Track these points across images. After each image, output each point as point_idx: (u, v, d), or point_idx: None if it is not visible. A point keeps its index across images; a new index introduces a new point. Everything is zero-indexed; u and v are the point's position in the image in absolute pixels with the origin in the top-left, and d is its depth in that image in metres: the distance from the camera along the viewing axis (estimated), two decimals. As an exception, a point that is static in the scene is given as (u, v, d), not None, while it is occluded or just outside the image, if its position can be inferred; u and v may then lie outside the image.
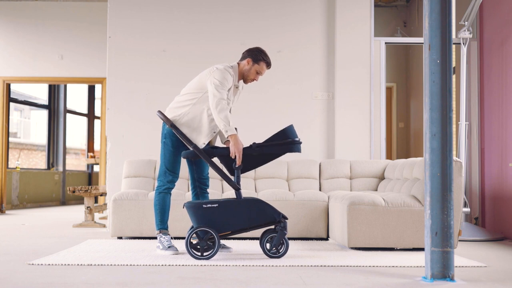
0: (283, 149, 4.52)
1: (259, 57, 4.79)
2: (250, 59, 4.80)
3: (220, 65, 4.75)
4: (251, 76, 4.83)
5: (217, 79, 4.61)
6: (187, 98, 4.79)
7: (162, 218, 4.83)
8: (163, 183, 4.83)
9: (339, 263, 4.20)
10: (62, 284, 3.37)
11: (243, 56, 4.87)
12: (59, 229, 7.00)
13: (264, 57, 4.80)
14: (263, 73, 4.85)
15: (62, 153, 13.95)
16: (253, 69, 4.80)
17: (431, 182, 3.53)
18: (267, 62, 4.82)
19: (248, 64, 4.80)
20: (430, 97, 3.54)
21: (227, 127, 4.51)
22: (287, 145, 4.51)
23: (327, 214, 5.93)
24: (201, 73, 4.81)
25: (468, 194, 7.00)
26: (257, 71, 4.81)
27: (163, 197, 4.83)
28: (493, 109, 6.75)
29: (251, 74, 4.82)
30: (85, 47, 9.91)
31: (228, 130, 4.51)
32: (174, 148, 4.80)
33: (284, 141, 4.49)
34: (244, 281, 3.50)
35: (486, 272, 3.96)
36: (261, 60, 4.80)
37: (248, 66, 4.81)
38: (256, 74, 4.83)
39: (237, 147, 4.50)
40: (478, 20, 7.10)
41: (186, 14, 7.22)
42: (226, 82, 4.64)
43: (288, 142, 4.50)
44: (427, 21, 3.57)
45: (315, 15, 7.23)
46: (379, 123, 7.11)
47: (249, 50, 4.85)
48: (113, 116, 7.07)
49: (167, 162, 4.81)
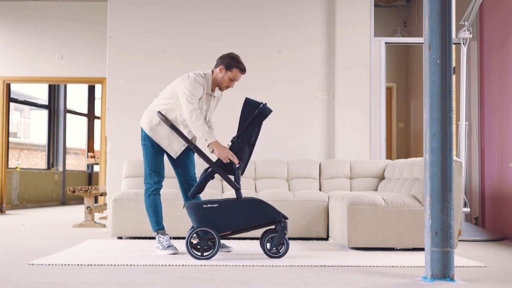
0: (259, 121, 4.54)
1: (231, 64, 4.75)
2: (222, 66, 4.76)
3: (192, 73, 4.72)
4: (225, 84, 4.79)
5: (187, 89, 4.61)
6: (163, 103, 4.81)
7: (157, 219, 4.85)
8: (150, 185, 4.85)
9: (339, 263, 4.20)
10: (62, 284, 3.37)
11: (216, 63, 4.83)
12: (59, 229, 7.00)
13: (237, 64, 4.75)
14: (238, 79, 4.81)
15: (62, 153, 13.95)
16: (226, 77, 4.76)
17: (431, 182, 3.53)
18: (240, 68, 4.76)
19: (221, 71, 4.77)
20: (430, 97, 3.54)
21: (206, 135, 4.53)
22: (259, 115, 4.52)
23: (327, 214, 5.93)
24: (175, 80, 4.82)
25: (468, 194, 7.00)
26: (230, 78, 4.77)
27: (154, 199, 4.86)
28: (493, 109, 6.75)
29: (225, 81, 4.78)
30: (85, 47, 9.91)
31: (208, 139, 4.53)
32: (154, 149, 4.83)
33: (253, 114, 4.51)
34: (244, 281, 3.50)
35: (486, 272, 3.96)
36: (234, 67, 4.75)
37: (221, 74, 4.77)
38: (230, 81, 4.79)
39: (222, 152, 4.52)
40: (478, 20, 7.10)
41: (186, 14, 7.22)
42: (196, 92, 4.62)
43: (257, 113, 4.51)
44: (427, 21, 3.57)
45: (315, 15, 7.22)
46: (379, 123, 7.11)
47: (221, 57, 4.80)
48: (113, 116, 7.07)
49: (150, 164, 4.83)
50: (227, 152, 4.52)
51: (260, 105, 4.55)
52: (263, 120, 4.58)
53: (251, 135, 4.58)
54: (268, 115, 4.58)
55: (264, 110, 4.55)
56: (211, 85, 4.80)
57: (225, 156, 4.51)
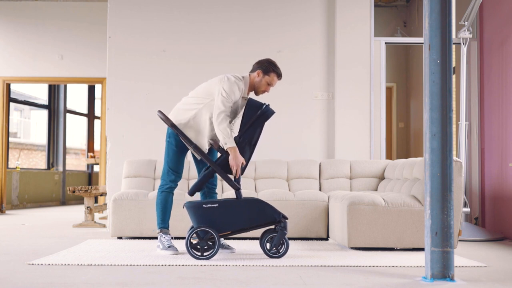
0: (261, 122, 4.58)
1: (269, 69, 4.80)
2: (260, 71, 4.81)
3: (232, 75, 4.74)
4: (262, 88, 4.84)
5: (225, 91, 4.64)
6: (194, 102, 4.81)
7: (164, 217, 4.84)
8: (166, 182, 4.84)
9: (339, 263, 4.20)
10: (62, 284, 3.37)
11: (253, 68, 4.88)
12: (59, 229, 7.00)
13: (274, 69, 4.81)
14: (274, 84, 4.86)
15: (62, 153, 13.95)
16: (263, 81, 4.81)
17: (431, 182, 3.53)
18: (277, 73, 4.82)
19: (258, 76, 4.81)
20: (430, 97, 3.54)
21: (226, 139, 4.56)
22: (262, 116, 4.56)
23: (327, 214, 5.93)
24: (212, 80, 4.83)
25: (468, 194, 7.00)
26: (268, 82, 4.82)
27: (165, 196, 4.85)
28: (493, 109, 6.75)
29: (262, 85, 4.83)
30: (85, 47, 9.91)
31: (228, 143, 4.56)
32: (178, 147, 4.81)
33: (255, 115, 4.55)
34: (244, 281, 3.50)
35: (486, 272, 3.96)
36: (271, 71, 4.80)
37: (258, 78, 4.82)
38: (267, 85, 4.84)
39: (236, 160, 4.55)
40: (478, 20, 7.10)
41: (186, 14, 7.22)
42: (233, 95, 4.66)
43: (259, 114, 4.55)
44: (427, 21, 3.57)
45: (315, 15, 7.23)
46: (379, 123, 7.11)
47: (259, 62, 4.86)
48: (113, 116, 7.07)
49: (170, 162, 4.83)
50: (240, 161, 4.56)
51: (263, 106, 4.57)
52: (265, 121, 4.60)
53: (252, 135, 4.60)
54: (270, 117, 4.60)
55: (267, 111, 4.58)
56: (248, 89, 4.85)
57: (237, 165, 4.54)
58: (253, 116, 4.55)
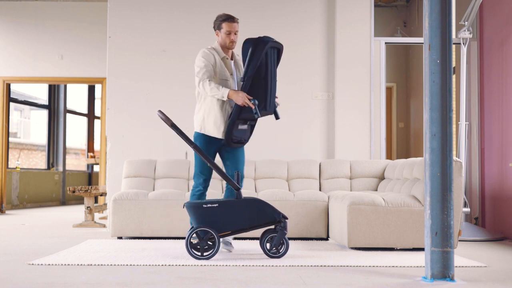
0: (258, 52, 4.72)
1: (217, 23, 4.99)
2: (216, 31, 5.02)
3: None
4: (227, 41, 4.97)
5: (196, 65, 4.87)
6: (197, 100, 4.97)
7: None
8: (197, 185, 4.97)
9: (339, 263, 4.20)
10: (62, 284, 3.37)
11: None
12: (59, 229, 7.00)
13: (221, 19, 4.98)
14: (232, 29, 4.96)
15: (62, 153, 13.95)
16: (222, 35, 4.97)
17: (431, 182, 3.53)
18: (226, 19, 4.97)
19: (217, 35, 5.01)
20: (430, 97, 3.54)
21: (219, 93, 4.72)
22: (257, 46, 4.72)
23: (327, 214, 5.93)
24: None
25: (468, 194, 7.00)
26: (225, 33, 4.95)
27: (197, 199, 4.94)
28: (493, 109, 6.75)
29: (225, 39, 4.97)
30: (85, 47, 9.91)
31: (224, 95, 4.71)
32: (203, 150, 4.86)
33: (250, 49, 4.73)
34: (244, 281, 3.50)
35: (486, 272, 3.96)
36: (220, 22, 4.97)
37: (218, 37, 5.00)
38: (228, 35, 4.95)
39: (239, 96, 4.67)
40: (478, 20, 7.10)
41: (186, 14, 7.22)
42: (201, 62, 4.81)
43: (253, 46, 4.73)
44: (427, 21, 3.57)
45: (315, 15, 7.22)
46: (379, 123, 7.11)
47: (212, 26, 5.07)
48: (113, 116, 7.07)
49: (198, 165, 4.94)
50: (243, 96, 4.68)
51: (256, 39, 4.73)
52: (264, 49, 4.70)
53: (254, 69, 4.72)
54: (268, 42, 4.71)
55: (262, 39, 4.73)
56: (223, 51, 4.98)
57: (241, 102, 4.67)
58: (248, 51, 4.73)
